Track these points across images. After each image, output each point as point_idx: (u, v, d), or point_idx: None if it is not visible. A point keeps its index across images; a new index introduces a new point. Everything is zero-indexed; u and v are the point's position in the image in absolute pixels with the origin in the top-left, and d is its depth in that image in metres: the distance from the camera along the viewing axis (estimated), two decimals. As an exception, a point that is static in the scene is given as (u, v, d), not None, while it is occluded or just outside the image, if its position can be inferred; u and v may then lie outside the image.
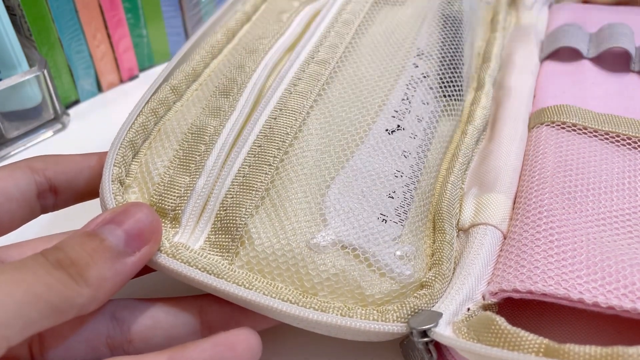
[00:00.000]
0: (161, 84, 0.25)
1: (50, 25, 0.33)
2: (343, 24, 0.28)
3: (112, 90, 0.39)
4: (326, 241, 0.21)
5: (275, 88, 0.24)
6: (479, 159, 0.27)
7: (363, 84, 0.26)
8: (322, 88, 0.25)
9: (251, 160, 0.22)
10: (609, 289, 0.19)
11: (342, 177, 0.23)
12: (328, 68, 0.26)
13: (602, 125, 0.27)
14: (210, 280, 0.19)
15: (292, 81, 0.25)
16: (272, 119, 0.23)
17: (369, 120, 0.25)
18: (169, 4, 0.39)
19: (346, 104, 0.25)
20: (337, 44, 0.27)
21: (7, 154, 0.33)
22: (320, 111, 0.25)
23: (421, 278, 0.21)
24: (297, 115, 0.23)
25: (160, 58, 0.41)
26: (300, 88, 0.24)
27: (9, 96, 0.32)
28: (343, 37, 0.27)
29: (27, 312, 0.15)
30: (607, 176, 0.24)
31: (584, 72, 0.31)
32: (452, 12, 0.32)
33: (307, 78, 0.25)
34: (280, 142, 0.23)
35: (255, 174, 0.22)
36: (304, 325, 0.20)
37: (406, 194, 0.23)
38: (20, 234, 0.22)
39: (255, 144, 0.22)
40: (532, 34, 0.35)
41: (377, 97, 0.26)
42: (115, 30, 0.37)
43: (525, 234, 0.22)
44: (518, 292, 0.20)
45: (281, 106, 0.24)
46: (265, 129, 0.23)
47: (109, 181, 0.21)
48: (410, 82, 0.28)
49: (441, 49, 0.30)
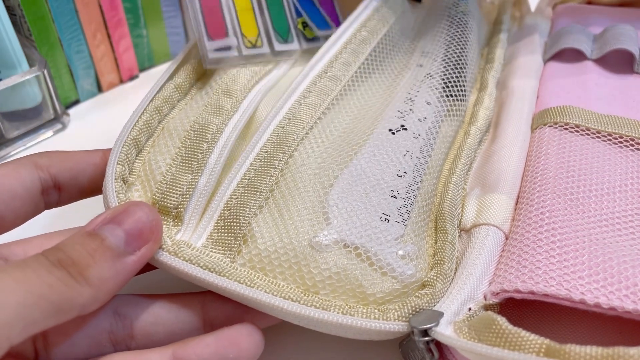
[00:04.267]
0: (165, 82, 0.26)
1: (50, 25, 0.34)
2: (360, 42, 0.29)
3: (112, 90, 0.40)
4: (328, 240, 0.21)
5: (286, 99, 0.26)
6: (482, 160, 0.28)
7: (372, 101, 0.28)
8: (332, 102, 0.26)
9: (257, 164, 0.23)
10: (610, 289, 0.19)
11: (345, 176, 0.24)
12: (339, 84, 0.27)
13: (605, 126, 0.27)
14: (212, 278, 0.20)
15: (302, 93, 0.26)
16: (280, 128, 0.24)
17: (373, 127, 0.26)
18: (169, 4, 0.40)
19: (353, 115, 0.27)
20: (350, 62, 0.28)
21: (7, 154, 0.34)
22: (328, 121, 0.26)
23: (423, 278, 0.22)
24: (305, 125, 0.25)
25: (160, 58, 0.42)
26: (310, 100, 0.26)
27: (9, 96, 0.32)
28: (357, 57, 0.28)
29: (29, 311, 0.15)
30: (609, 177, 0.25)
31: (588, 73, 0.32)
32: (459, 12, 0.32)
33: (318, 92, 0.26)
34: (286, 147, 0.24)
35: (261, 176, 0.23)
36: (305, 324, 0.20)
37: (409, 194, 0.24)
38: (24, 230, 0.22)
39: (262, 150, 0.24)
40: (536, 34, 0.35)
41: (382, 105, 0.27)
42: (115, 30, 0.37)
43: (527, 235, 0.22)
44: (520, 292, 0.20)
45: (290, 116, 0.25)
46: (274, 137, 0.24)
47: (112, 179, 0.21)
48: (414, 82, 0.29)
49: (446, 50, 0.30)
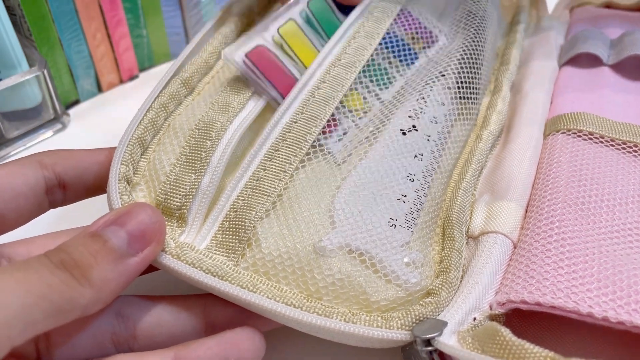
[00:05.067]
0: (171, 78, 0.25)
1: (50, 25, 0.34)
2: (365, 36, 0.28)
3: (112, 90, 0.40)
4: (333, 244, 0.21)
5: (298, 92, 0.25)
6: (493, 165, 0.28)
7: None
8: (345, 95, 0.25)
9: (267, 164, 0.23)
10: (619, 303, 0.19)
11: (353, 178, 0.23)
12: (354, 72, 0.26)
13: (620, 134, 0.27)
14: (214, 283, 0.20)
15: (316, 84, 0.25)
16: (293, 122, 0.24)
17: (383, 126, 0.25)
18: (169, 4, 0.40)
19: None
20: (365, 46, 0.27)
21: (7, 154, 0.34)
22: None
23: (428, 285, 0.21)
24: (318, 122, 0.24)
25: (160, 58, 0.42)
26: (324, 92, 0.25)
27: (9, 96, 0.33)
28: (371, 40, 0.27)
29: (31, 312, 0.15)
30: (622, 187, 0.24)
31: (603, 79, 0.31)
32: (478, 9, 0.31)
33: (331, 81, 0.25)
34: (297, 148, 0.23)
35: (270, 179, 0.22)
36: (307, 330, 0.20)
37: (417, 199, 0.24)
38: (28, 230, 0.22)
39: (272, 147, 0.23)
40: (552, 38, 0.35)
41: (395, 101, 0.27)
42: (115, 30, 0.37)
43: (536, 244, 0.22)
44: (526, 303, 0.20)
45: (302, 109, 0.24)
46: (284, 132, 0.23)
47: (115, 180, 0.21)
48: (427, 82, 0.27)
49: (462, 48, 0.29)
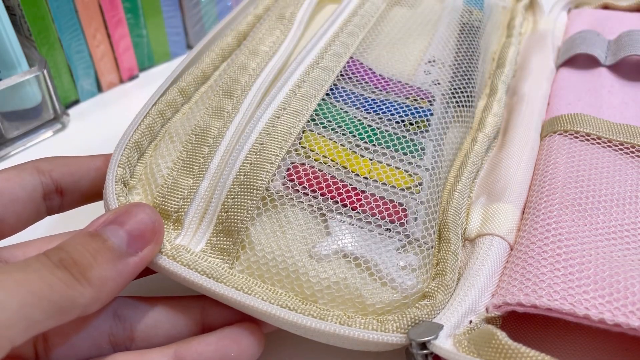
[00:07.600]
0: (169, 86, 0.26)
1: (50, 25, 0.34)
2: (348, 35, 0.29)
3: (112, 90, 0.40)
4: (327, 250, 0.22)
5: (280, 88, 0.25)
6: (489, 167, 0.28)
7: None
8: (326, 93, 0.26)
9: (252, 157, 0.23)
10: (616, 305, 0.19)
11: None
12: (332, 75, 0.27)
13: (617, 135, 0.27)
14: (209, 284, 0.20)
15: (296, 83, 0.26)
16: (276, 118, 0.24)
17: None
18: (169, 4, 0.40)
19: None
20: (341, 54, 0.28)
21: (7, 154, 0.34)
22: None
23: (424, 288, 0.22)
24: (301, 117, 0.24)
25: (160, 58, 0.42)
26: (305, 90, 0.26)
27: (8, 96, 0.33)
28: (348, 48, 0.28)
29: (30, 312, 0.15)
30: (619, 188, 0.25)
31: (601, 80, 0.31)
32: (472, 20, 0.32)
33: (311, 82, 0.26)
34: (282, 141, 0.23)
35: (257, 172, 0.22)
36: (303, 333, 0.21)
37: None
38: (25, 236, 0.23)
39: (257, 142, 0.23)
40: (549, 39, 0.35)
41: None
42: (115, 30, 0.38)
43: (532, 246, 0.22)
44: (522, 306, 0.20)
45: (285, 105, 0.25)
46: (268, 127, 0.24)
47: (112, 182, 0.22)
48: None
49: (456, 58, 0.30)
